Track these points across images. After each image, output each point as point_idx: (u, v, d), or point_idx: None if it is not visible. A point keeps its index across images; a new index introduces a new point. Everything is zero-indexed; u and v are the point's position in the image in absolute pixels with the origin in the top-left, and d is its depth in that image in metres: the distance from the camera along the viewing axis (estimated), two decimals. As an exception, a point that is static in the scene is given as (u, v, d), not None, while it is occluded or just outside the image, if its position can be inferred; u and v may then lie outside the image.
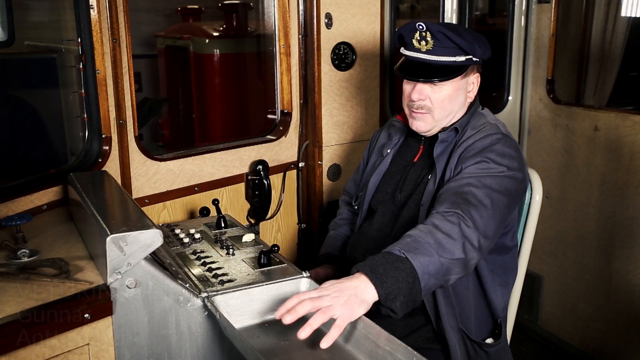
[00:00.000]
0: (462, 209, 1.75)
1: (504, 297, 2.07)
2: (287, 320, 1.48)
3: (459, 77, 2.00)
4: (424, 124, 2.06)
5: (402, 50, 2.07)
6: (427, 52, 1.97)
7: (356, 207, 2.32)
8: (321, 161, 2.89)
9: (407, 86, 2.06)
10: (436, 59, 1.97)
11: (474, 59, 2.00)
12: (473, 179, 1.84)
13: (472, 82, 2.07)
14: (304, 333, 1.46)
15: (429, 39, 1.96)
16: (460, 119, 2.07)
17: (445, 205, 1.78)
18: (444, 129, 2.07)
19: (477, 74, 2.07)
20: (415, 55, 2.00)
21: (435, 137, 2.07)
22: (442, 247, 1.66)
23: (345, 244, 2.36)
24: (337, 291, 1.53)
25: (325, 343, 1.47)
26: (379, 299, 1.57)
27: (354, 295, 1.54)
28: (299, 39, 2.81)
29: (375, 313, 1.66)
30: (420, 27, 1.95)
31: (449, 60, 1.97)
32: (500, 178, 1.85)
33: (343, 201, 2.51)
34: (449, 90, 2.00)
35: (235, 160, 2.74)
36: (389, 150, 2.22)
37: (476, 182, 1.83)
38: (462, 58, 1.97)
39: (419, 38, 1.98)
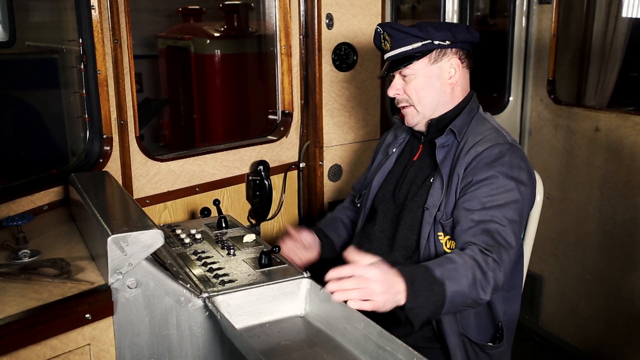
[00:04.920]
0: (497, 253, 1.81)
1: (506, 302, 2.06)
2: (331, 288, 1.63)
3: (422, 62, 2.03)
4: (411, 117, 2.11)
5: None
6: (390, 49, 2.06)
7: (359, 205, 2.33)
8: (322, 162, 2.89)
9: None
10: (396, 52, 2.05)
11: (435, 42, 2.01)
12: (497, 212, 1.86)
13: (450, 68, 2.05)
14: (337, 296, 1.62)
15: (387, 37, 2.06)
16: (450, 113, 2.08)
17: (480, 244, 1.82)
18: (432, 122, 2.08)
19: (456, 59, 2.05)
20: (386, 56, 2.10)
21: (434, 136, 2.07)
22: (475, 287, 1.74)
23: (340, 228, 2.41)
24: (386, 282, 1.63)
25: (354, 304, 1.61)
26: (404, 307, 1.66)
27: (394, 297, 1.64)
28: (299, 39, 2.81)
29: (375, 312, 1.66)
30: (379, 29, 2.08)
31: (406, 50, 2.03)
32: (516, 205, 1.90)
33: (348, 198, 2.54)
34: (419, 79, 2.05)
35: (236, 161, 2.74)
36: (394, 150, 2.24)
37: (500, 219, 1.86)
38: (418, 44, 2.02)
39: (383, 40, 2.08)
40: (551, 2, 3.50)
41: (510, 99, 3.71)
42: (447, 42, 2.02)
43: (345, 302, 1.61)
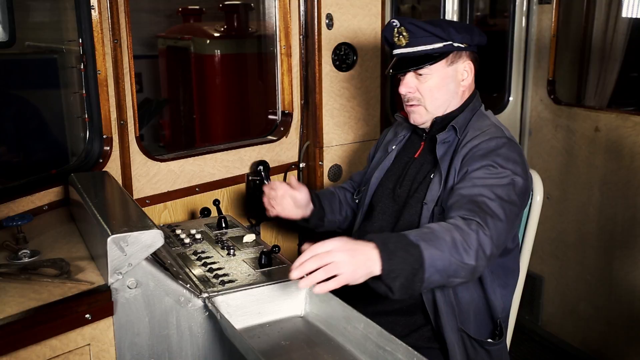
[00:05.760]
0: (481, 218, 1.76)
1: (503, 298, 2.07)
2: (293, 275, 1.53)
3: (440, 63, 2.02)
4: (419, 116, 2.10)
5: (393, 52, 2.12)
6: (406, 45, 2.03)
7: (357, 202, 2.34)
8: (322, 162, 2.89)
9: (400, 83, 2.10)
10: (414, 50, 2.02)
11: (455, 44, 2.01)
12: (484, 189, 1.84)
13: (463, 70, 2.07)
14: (303, 283, 1.53)
15: (404, 33, 2.02)
16: (455, 111, 2.08)
17: (463, 212, 1.78)
18: (437, 121, 2.08)
19: (469, 62, 2.07)
20: (398, 52, 2.06)
21: (436, 133, 2.08)
22: (456, 249, 1.67)
23: (336, 205, 2.40)
24: (350, 250, 1.55)
25: (319, 288, 1.52)
26: (381, 273, 1.57)
27: (363, 262, 1.56)
28: (299, 39, 2.81)
29: (375, 312, 1.66)
30: (394, 23, 2.03)
31: (426, 49, 2.01)
32: (508, 188, 1.86)
33: (345, 183, 2.53)
34: (435, 79, 2.03)
35: (236, 161, 2.74)
36: (393, 147, 2.24)
37: (488, 193, 1.83)
38: (440, 44, 2.00)
39: (397, 34, 2.04)
40: (551, 2, 3.50)
41: (510, 99, 3.71)
42: (464, 45, 2.03)
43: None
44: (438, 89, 2.04)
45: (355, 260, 1.54)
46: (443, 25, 2.00)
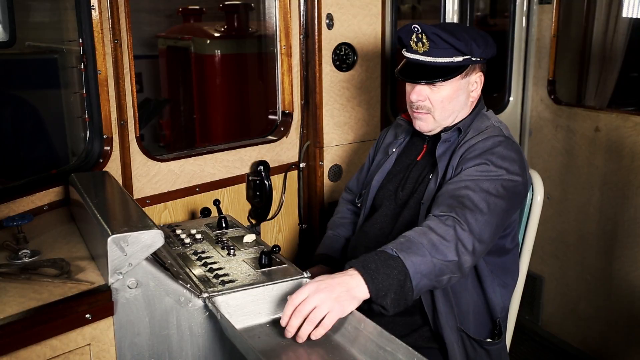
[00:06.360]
0: (458, 213, 1.76)
1: (503, 298, 2.07)
2: (288, 336, 1.57)
3: (457, 77, 2.00)
4: (426, 124, 2.07)
5: (403, 52, 2.09)
6: (424, 53, 1.98)
7: (359, 205, 2.33)
8: (322, 162, 2.89)
9: (408, 87, 2.08)
10: (433, 60, 1.98)
11: (473, 58, 1.99)
12: (471, 182, 1.84)
13: (474, 82, 2.06)
14: (299, 340, 1.57)
15: (424, 40, 1.97)
16: (464, 118, 2.08)
17: (441, 209, 1.80)
18: (447, 129, 2.07)
19: (480, 73, 2.06)
20: (413, 57, 2.02)
21: (438, 137, 2.07)
22: (436, 249, 1.68)
23: (342, 245, 2.37)
24: (326, 288, 1.56)
25: (314, 336, 1.55)
26: (370, 295, 1.60)
27: (345, 291, 1.58)
28: (300, 39, 2.81)
29: (374, 312, 1.66)
30: (416, 28, 1.97)
31: (445, 61, 1.97)
32: (498, 182, 1.86)
33: (344, 199, 2.50)
34: (448, 90, 2.01)
35: (236, 161, 2.74)
36: (394, 149, 2.23)
37: (473, 186, 1.83)
38: (459, 58, 1.97)
39: (415, 40, 1.99)
40: (551, 2, 3.50)
41: (511, 99, 3.71)
42: (480, 59, 2.02)
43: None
44: (449, 100, 2.02)
45: (334, 295, 1.56)
46: (466, 39, 1.96)
